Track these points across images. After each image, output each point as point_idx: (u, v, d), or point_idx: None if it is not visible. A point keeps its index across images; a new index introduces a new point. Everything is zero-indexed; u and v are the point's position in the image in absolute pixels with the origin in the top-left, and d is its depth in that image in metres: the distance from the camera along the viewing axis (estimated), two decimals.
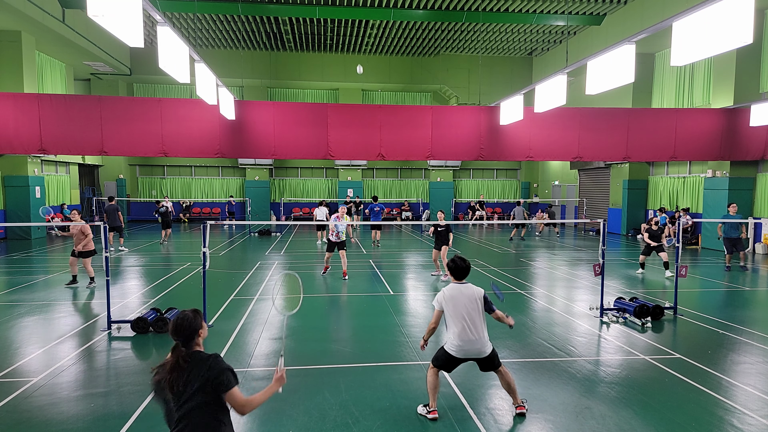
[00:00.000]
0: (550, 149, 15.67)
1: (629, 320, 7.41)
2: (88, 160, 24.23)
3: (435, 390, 4.31)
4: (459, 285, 4.28)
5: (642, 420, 4.32)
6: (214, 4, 17.50)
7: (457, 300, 4.18)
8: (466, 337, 4.11)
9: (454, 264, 4.32)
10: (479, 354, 4.16)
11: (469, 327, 4.11)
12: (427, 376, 4.36)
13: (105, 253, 6.83)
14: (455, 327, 4.15)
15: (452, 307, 4.17)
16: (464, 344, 4.13)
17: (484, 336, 4.17)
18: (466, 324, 4.11)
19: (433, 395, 4.32)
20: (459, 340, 4.13)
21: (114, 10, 5.93)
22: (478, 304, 4.17)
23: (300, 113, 14.99)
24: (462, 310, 4.14)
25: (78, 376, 5.23)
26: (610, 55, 8.85)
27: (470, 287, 4.24)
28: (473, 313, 4.14)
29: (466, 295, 4.19)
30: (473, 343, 4.12)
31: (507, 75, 26.62)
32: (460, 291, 4.22)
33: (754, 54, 15.19)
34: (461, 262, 4.31)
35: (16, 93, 14.75)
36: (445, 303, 4.21)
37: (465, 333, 4.11)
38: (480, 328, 4.14)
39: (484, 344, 4.16)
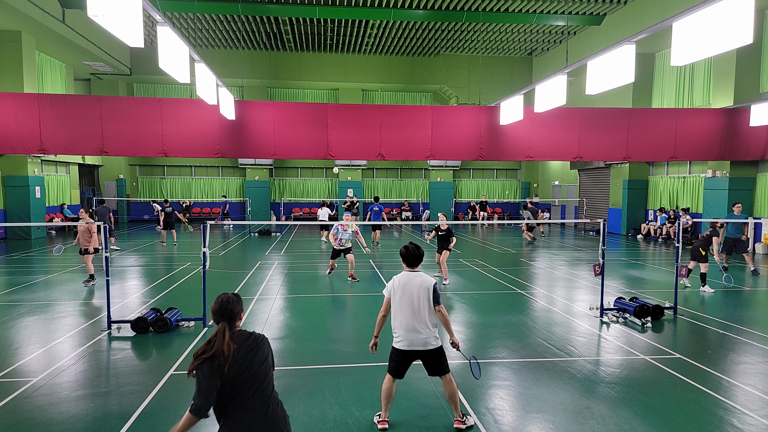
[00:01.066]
0: (550, 149, 15.67)
1: (629, 320, 7.41)
2: (88, 160, 24.24)
3: (388, 399, 4.15)
4: (410, 273, 4.12)
5: (642, 420, 4.32)
6: (214, 4, 17.50)
7: (406, 288, 4.04)
8: (411, 327, 4.00)
9: (406, 251, 4.15)
10: (424, 345, 4.00)
11: (415, 316, 3.99)
12: (383, 384, 4.20)
13: (105, 253, 6.83)
14: (401, 316, 4.03)
15: (400, 295, 4.05)
16: (408, 333, 4.01)
17: (429, 327, 4.01)
18: (413, 312, 4.00)
19: (385, 404, 4.16)
20: (403, 329, 4.03)
21: (114, 10, 5.93)
22: (427, 293, 4.02)
23: (300, 113, 14.99)
24: (410, 298, 4.01)
25: (78, 376, 5.23)
26: (610, 55, 8.84)
27: (421, 275, 4.09)
28: (421, 302, 4.00)
29: (416, 283, 4.04)
30: (418, 333, 3.99)
31: (507, 75, 26.63)
32: (411, 279, 4.07)
33: (754, 54, 15.19)
34: (414, 249, 4.14)
35: (16, 93, 14.76)
36: (394, 291, 4.08)
37: (410, 322, 4.00)
38: (426, 319, 4.00)
39: (428, 336, 4.00)
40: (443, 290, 9.74)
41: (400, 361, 4.10)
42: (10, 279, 10.53)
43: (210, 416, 2.58)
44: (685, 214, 16.64)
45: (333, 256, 10.75)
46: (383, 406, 4.17)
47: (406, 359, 4.09)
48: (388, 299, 4.15)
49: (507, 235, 21.10)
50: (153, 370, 5.44)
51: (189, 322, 7.05)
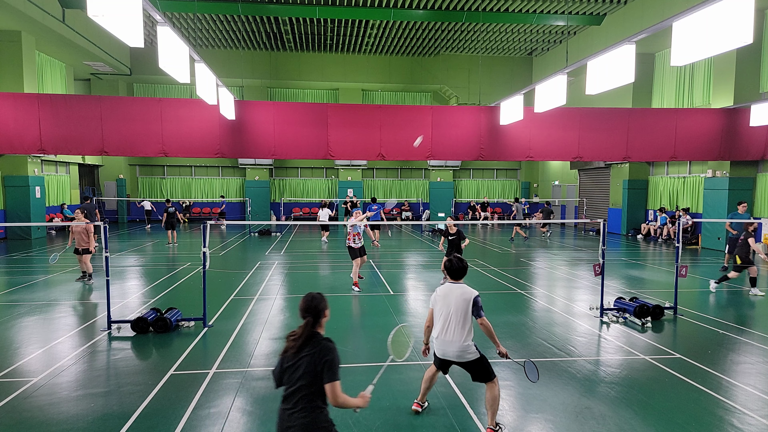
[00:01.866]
0: (550, 149, 15.67)
1: (629, 320, 7.41)
2: (88, 160, 24.24)
3: (427, 385, 4.40)
4: (452, 284, 4.18)
5: (642, 420, 4.32)
6: (214, 4, 17.50)
7: (446, 299, 4.10)
8: (444, 337, 4.05)
9: (450, 264, 4.22)
10: (458, 357, 4.03)
11: (449, 327, 4.03)
12: (426, 371, 4.44)
13: (105, 253, 6.83)
14: (437, 325, 4.13)
15: (440, 305, 4.13)
16: (442, 344, 4.08)
17: (462, 339, 3.99)
18: (447, 323, 4.04)
19: (424, 389, 4.42)
20: (438, 339, 4.11)
21: (114, 10, 5.93)
22: (467, 305, 4.02)
23: (300, 113, 14.99)
24: (447, 309, 4.06)
25: (78, 376, 5.23)
26: (610, 55, 8.84)
27: (463, 288, 4.11)
28: (457, 314, 4.01)
29: (456, 294, 4.07)
30: (450, 344, 4.02)
31: (507, 75, 26.63)
32: (452, 290, 4.12)
33: (754, 54, 15.18)
34: (458, 263, 4.20)
35: (16, 93, 14.75)
36: (435, 301, 4.19)
37: (444, 332, 4.05)
38: (459, 331, 3.99)
39: (463, 349, 4.00)
40: None
41: (438, 363, 4.26)
42: (10, 279, 10.53)
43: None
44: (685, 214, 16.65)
45: (353, 257, 9.93)
46: (422, 389, 4.42)
47: (444, 363, 4.22)
48: (431, 309, 4.25)
49: (507, 235, 21.09)
50: (153, 370, 5.44)
51: (189, 322, 7.05)
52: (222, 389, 4.91)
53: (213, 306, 8.00)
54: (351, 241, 9.91)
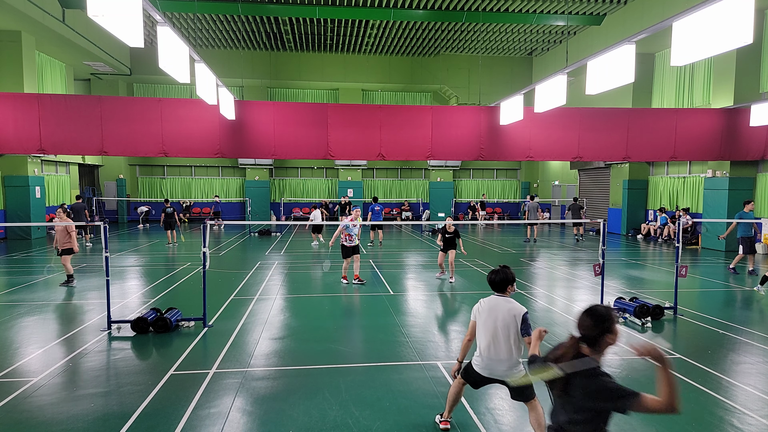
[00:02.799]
0: (550, 149, 15.67)
1: (629, 320, 7.41)
2: (88, 160, 24.23)
3: (453, 401, 4.08)
4: (498, 297, 3.87)
5: (642, 420, 4.31)
6: (214, 4, 17.50)
7: (492, 313, 3.80)
8: (490, 354, 3.75)
9: (494, 275, 3.90)
10: (504, 376, 3.72)
11: (496, 343, 3.73)
12: (452, 386, 4.11)
13: (105, 253, 6.83)
14: (482, 340, 3.80)
15: (484, 318, 3.82)
16: (487, 362, 3.77)
17: (512, 358, 3.72)
18: (495, 339, 3.74)
19: (450, 406, 4.11)
20: (483, 355, 3.79)
21: (114, 10, 5.92)
22: (515, 321, 3.73)
23: (300, 113, 14.99)
24: (494, 323, 3.75)
25: (78, 376, 5.23)
26: (610, 55, 8.84)
27: (511, 302, 3.82)
28: (505, 329, 3.72)
29: (504, 309, 3.77)
30: (497, 363, 3.73)
31: (507, 75, 26.63)
32: (498, 304, 3.82)
33: (754, 54, 15.18)
34: (503, 274, 3.88)
35: (16, 93, 14.75)
36: (479, 314, 3.87)
37: (489, 349, 3.75)
38: (507, 348, 3.71)
39: (510, 367, 3.72)
40: (450, 289, 9.78)
41: (475, 380, 3.90)
42: (10, 279, 10.54)
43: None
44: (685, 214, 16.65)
45: (345, 256, 10.22)
46: (448, 406, 4.12)
47: (483, 381, 3.88)
48: (474, 322, 3.93)
49: (507, 234, 21.10)
50: (153, 370, 5.44)
51: (189, 322, 7.05)
52: (222, 389, 4.91)
53: (213, 306, 8.00)
54: (344, 240, 10.12)
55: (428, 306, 8.48)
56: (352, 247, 10.17)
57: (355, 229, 10.22)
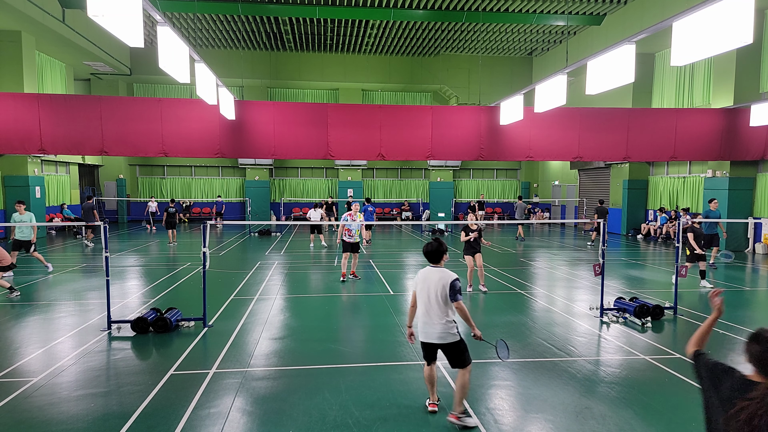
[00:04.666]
0: (550, 149, 15.67)
1: (629, 320, 7.41)
2: (88, 160, 24.24)
3: (431, 383, 4.42)
4: (431, 268, 4.31)
5: (642, 420, 4.31)
6: (214, 4, 17.50)
7: (425, 282, 4.24)
8: (425, 319, 4.20)
9: (429, 247, 4.35)
10: (440, 339, 4.16)
11: (430, 310, 4.17)
12: (424, 372, 4.48)
13: (105, 253, 6.83)
14: (420, 308, 4.28)
15: (420, 288, 4.28)
16: (424, 326, 4.22)
17: (443, 321, 4.14)
18: (429, 306, 4.18)
19: (430, 388, 4.44)
20: (420, 321, 4.26)
21: (114, 10, 5.92)
22: (444, 289, 4.13)
23: (300, 113, 14.99)
24: (427, 292, 4.20)
25: (78, 376, 5.23)
26: (610, 55, 8.84)
27: (443, 271, 4.24)
28: (436, 296, 4.15)
29: (435, 278, 4.20)
30: (431, 327, 4.16)
31: (507, 75, 26.62)
32: (430, 273, 4.25)
33: (754, 54, 15.19)
34: (435, 246, 4.32)
35: (16, 93, 14.75)
36: (416, 284, 4.34)
37: (425, 315, 4.20)
38: (439, 313, 4.14)
39: (444, 330, 4.14)
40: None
41: (425, 350, 4.34)
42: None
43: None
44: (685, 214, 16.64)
45: (344, 250, 10.47)
46: (429, 390, 4.45)
47: (429, 348, 4.29)
48: (414, 292, 4.39)
49: (507, 235, 21.10)
50: (153, 370, 5.44)
51: (189, 322, 7.05)
52: (222, 389, 4.91)
53: (213, 306, 8.00)
54: (344, 235, 10.38)
55: None
56: (351, 243, 10.41)
57: (355, 224, 10.33)
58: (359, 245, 10.59)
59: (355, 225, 10.35)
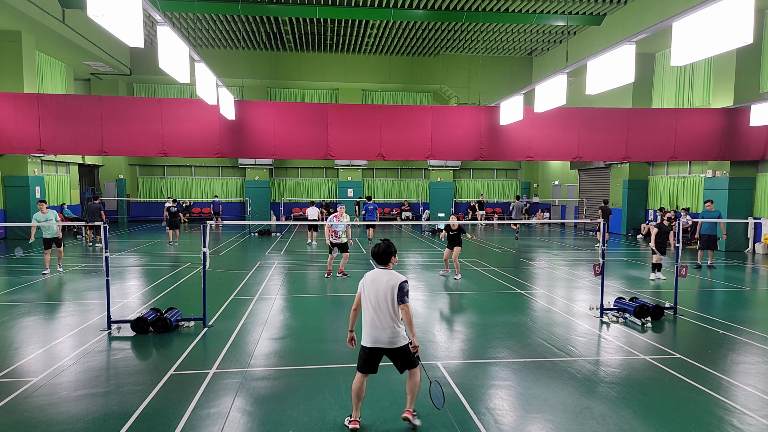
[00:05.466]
0: (550, 149, 15.67)
1: (629, 320, 7.41)
2: (88, 160, 24.23)
3: (358, 398, 4.11)
4: (380, 270, 4.15)
5: (642, 420, 4.31)
6: (214, 4, 17.50)
7: (373, 284, 4.08)
8: (374, 323, 4.03)
9: (377, 248, 4.19)
10: (389, 344, 4.01)
11: (379, 313, 4.01)
12: (352, 383, 4.17)
13: (105, 253, 6.83)
14: (367, 312, 4.08)
15: (367, 291, 4.10)
16: (372, 330, 4.03)
17: (394, 326, 4.00)
18: (377, 310, 4.02)
19: (356, 404, 4.12)
20: (368, 326, 4.06)
21: (114, 10, 5.92)
22: (392, 291, 4.01)
23: (300, 113, 14.99)
24: (375, 295, 4.04)
25: (78, 376, 5.22)
26: (610, 55, 8.84)
27: (391, 273, 4.10)
28: (385, 299, 4.00)
29: (383, 281, 4.05)
30: (380, 331, 4.00)
31: (507, 75, 26.62)
32: (379, 276, 4.10)
33: (754, 54, 15.18)
34: (385, 247, 4.16)
35: (15, 93, 14.75)
36: (364, 287, 4.15)
37: (373, 319, 4.03)
38: (387, 317, 4.00)
39: (393, 334, 4.00)
40: (451, 288, 9.78)
41: (366, 358, 4.10)
42: (10, 279, 10.53)
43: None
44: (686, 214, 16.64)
45: (331, 252, 10.78)
46: (354, 405, 4.13)
47: (373, 355, 4.08)
48: (359, 294, 4.20)
49: (507, 234, 21.09)
50: (153, 370, 5.44)
51: (189, 322, 7.05)
52: (222, 389, 4.91)
53: (213, 306, 8.00)
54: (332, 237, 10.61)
55: (428, 306, 8.49)
56: (339, 244, 10.62)
57: (341, 226, 10.46)
58: (347, 245, 10.76)
59: (341, 226, 10.53)
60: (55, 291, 9.43)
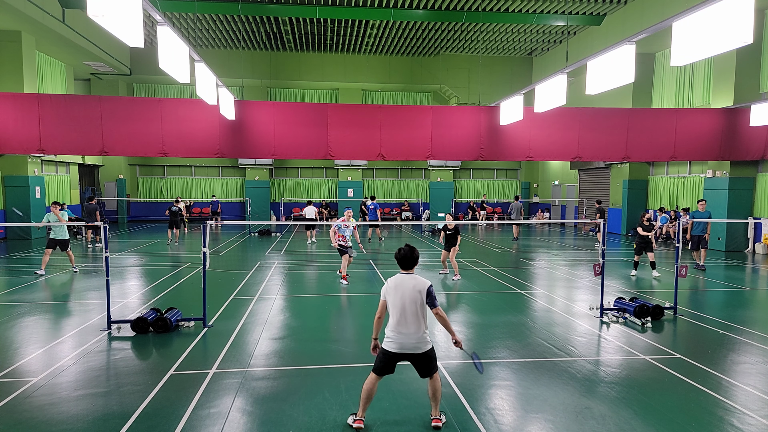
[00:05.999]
0: (550, 149, 15.67)
1: (629, 320, 7.41)
2: (88, 160, 24.23)
3: (368, 399, 4.09)
4: (404, 275, 4.11)
5: (642, 420, 4.31)
6: (214, 4, 17.50)
7: (399, 290, 4.02)
8: (401, 329, 3.97)
9: (400, 253, 4.14)
10: (415, 349, 3.97)
11: (405, 318, 3.95)
12: (365, 383, 4.14)
13: (105, 253, 6.83)
14: (392, 318, 4.02)
15: (392, 297, 4.04)
16: (399, 336, 3.97)
17: (420, 331, 3.97)
18: (403, 315, 3.96)
19: (364, 404, 4.10)
20: (394, 331, 3.99)
21: (114, 10, 5.93)
22: (420, 296, 3.98)
23: (300, 113, 14.99)
24: (401, 300, 3.98)
25: (78, 376, 5.23)
26: (610, 55, 8.85)
27: (416, 278, 4.06)
28: (412, 304, 3.96)
29: (409, 286, 4.01)
30: (408, 337, 3.95)
31: (507, 75, 26.62)
32: (404, 281, 4.06)
33: (754, 54, 15.18)
34: (408, 252, 4.12)
35: (16, 93, 14.75)
36: (388, 293, 4.08)
37: (400, 325, 3.97)
38: (416, 322, 3.96)
39: (420, 340, 3.97)
40: (450, 288, 9.79)
41: (386, 362, 4.06)
42: (10, 279, 10.53)
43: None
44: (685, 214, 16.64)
45: (342, 254, 10.39)
46: (362, 405, 4.10)
47: (393, 360, 4.05)
48: (384, 301, 4.13)
49: (507, 234, 21.09)
50: (153, 370, 5.44)
51: (189, 322, 7.05)
52: (222, 389, 4.91)
53: (213, 306, 8.00)
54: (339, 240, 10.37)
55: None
56: (347, 248, 10.38)
57: (348, 230, 10.34)
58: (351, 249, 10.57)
59: (348, 231, 10.35)
60: (56, 291, 9.43)
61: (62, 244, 11.46)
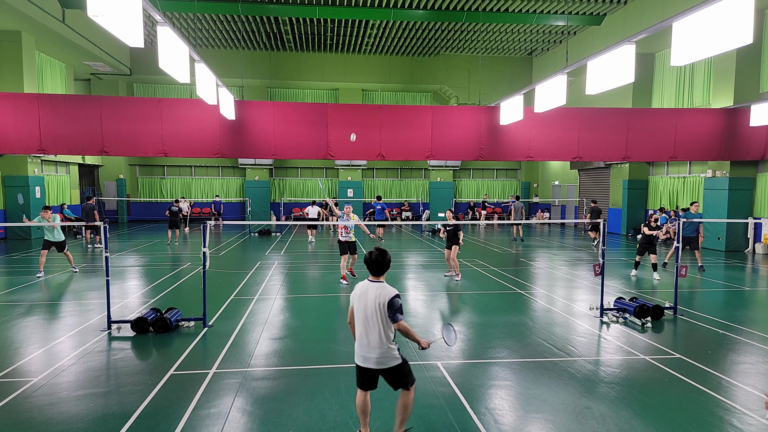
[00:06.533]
0: (550, 149, 15.67)
1: (629, 320, 7.41)
2: (88, 160, 24.23)
3: (363, 413, 3.80)
4: (370, 283, 3.68)
5: (642, 420, 4.32)
6: (214, 4, 17.50)
7: (362, 300, 3.64)
8: (362, 341, 3.64)
9: (371, 257, 3.70)
10: (379, 364, 3.59)
11: (367, 332, 3.60)
12: (355, 399, 3.90)
13: (105, 253, 6.83)
14: (357, 328, 3.69)
15: (356, 305, 3.69)
16: (361, 349, 3.65)
17: (383, 346, 3.57)
18: (365, 328, 3.61)
19: (363, 419, 3.82)
20: (358, 344, 3.68)
21: (114, 10, 5.92)
22: (382, 309, 3.55)
23: (300, 113, 14.99)
24: (364, 312, 3.62)
25: (78, 376, 5.23)
26: (610, 55, 8.85)
27: (381, 288, 3.61)
28: (374, 316, 3.57)
29: (372, 297, 3.60)
30: (370, 350, 3.59)
31: (507, 75, 26.62)
32: (368, 291, 3.64)
33: (754, 54, 15.19)
34: (379, 256, 3.68)
35: (16, 93, 14.74)
36: (354, 300, 3.75)
37: (362, 337, 3.64)
38: (376, 336, 3.56)
39: (383, 355, 3.58)
40: (456, 287, 9.76)
41: (360, 376, 3.76)
42: (10, 279, 10.53)
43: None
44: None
45: (342, 252, 10.34)
46: (361, 420, 3.84)
47: (366, 374, 3.71)
48: (351, 307, 3.83)
49: (507, 234, 21.09)
50: (153, 370, 5.44)
51: (189, 322, 7.05)
52: (222, 389, 4.91)
53: (213, 306, 8.00)
54: (339, 234, 10.35)
55: (428, 306, 8.48)
56: (349, 243, 10.36)
57: (350, 223, 10.37)
58: (356, 245, 10.60)
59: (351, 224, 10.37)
60: (55, 291, 9.43)
61: (58, 246, 11.42)
